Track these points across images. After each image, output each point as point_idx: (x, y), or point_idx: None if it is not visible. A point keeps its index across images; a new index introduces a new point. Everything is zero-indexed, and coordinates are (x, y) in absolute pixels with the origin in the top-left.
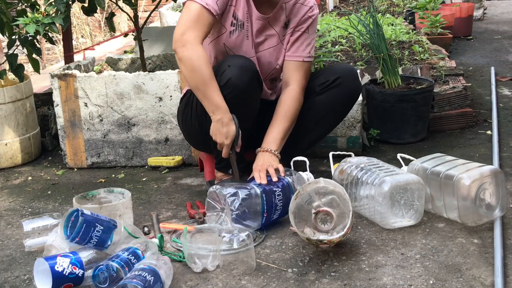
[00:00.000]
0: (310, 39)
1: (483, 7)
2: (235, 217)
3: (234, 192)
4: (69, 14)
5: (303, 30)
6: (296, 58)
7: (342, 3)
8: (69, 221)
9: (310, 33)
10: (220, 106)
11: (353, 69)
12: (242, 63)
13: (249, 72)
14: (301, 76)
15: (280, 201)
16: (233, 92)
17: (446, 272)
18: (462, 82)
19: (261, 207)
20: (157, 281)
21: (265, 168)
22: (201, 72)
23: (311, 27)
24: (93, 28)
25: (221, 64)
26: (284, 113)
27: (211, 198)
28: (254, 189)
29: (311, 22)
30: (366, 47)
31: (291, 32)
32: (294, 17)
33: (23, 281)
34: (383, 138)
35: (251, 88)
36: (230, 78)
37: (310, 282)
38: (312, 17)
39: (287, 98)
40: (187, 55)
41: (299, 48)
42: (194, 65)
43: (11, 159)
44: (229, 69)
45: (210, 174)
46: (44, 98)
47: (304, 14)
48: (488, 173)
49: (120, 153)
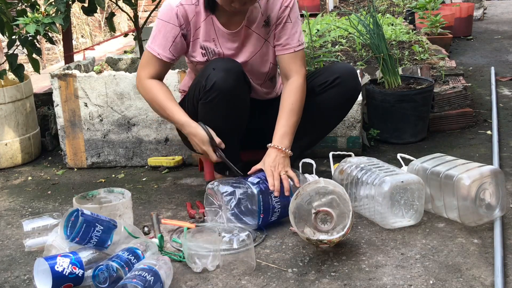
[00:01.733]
0: (295, 27)
1: (483, 7)
2: (231, 216)
3: (231, 191)
4: (69, 14)
5: (284, 21)
6: (288, 51)
7: (342, 3)
8: (69, 221)
9: (293, 21)
10: (183, 121)
11: (352, 68)
12: (227, 65)
13: (234, 73)
14: (298, 65)
15: (278, 202)
16: (220, 95)
17: (446, 272)
18: (462, 82)
19: (257, 207)
20: (157, 281)
21: (278, 173)
22: (156, 100)
23: (292, 15)
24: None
25: (207, 67)
26: (291, 106)
27: (210, 194)
28: (251, 189)
29: (289, 11)
30: (366, 47)
31: (274, 28)
32: (271, 13)
33: (23, 281)
34: (383, 138)
35: (238, 90)
36: (215, 81)
37: (310, 282)
38: (289, 5)
39: (291, 90)
40: (141, 91)
41: (288, 40)
42: (149, 97)
43: (11, 159)
44: (213, 72)
45: (210, 175)
46: (44, 98)
47: (280, 6)
48: (488, 173)
49: (120, 153)
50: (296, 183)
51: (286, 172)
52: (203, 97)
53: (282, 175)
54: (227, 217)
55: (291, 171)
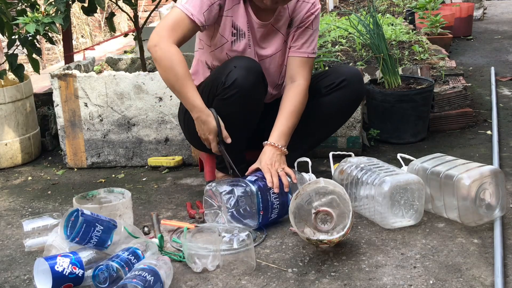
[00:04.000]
0: (314, 35)
1: (483, 7)
2: (232, 215)
3: (229, 189)
4: (69, 14)
5: (306, 25)
6: (302, 54)
7: (342, 3)
8: (69, 221)
9: (314, 29)
10: (196, 104)
11: (358, 72)
12: (248, 64)
13: (255, 73)
14: (307, 72)
15: (276, 199)
16: (239, 93)
17: (446, 272)
18: (462, 82)
19: (256, 205)
20: (157, 281)
21: (275, 170)
22: (174, 71)
23: (314, 23)
24: (93, 28)
25: (227, 64)
26: (293, 108)
27: (208, 196)
28: (249, 187)
29: (314, 18)
30: (366, 47)
31: (295, 29)
32: (297, 15)
33: (23, 281)
34: (383, 138)
35: (257, 89)
36: (236, 78)
37: (310, 282)
38: (315, 13)
39: (295, 94)
40: (160, 55)
41: (304, 44)
42: (167, 65)
43: (11, 159)
44: (235, 69)
45: (210, 175)
46: (44, 98)
47: (307, 11)
48: (488, 173)
49: (120, 153)
50: (293, 179)
51: (283, 169)
52: (221, 93)
53: (280, 172)
54: (227, 218)
55: (288, 168)
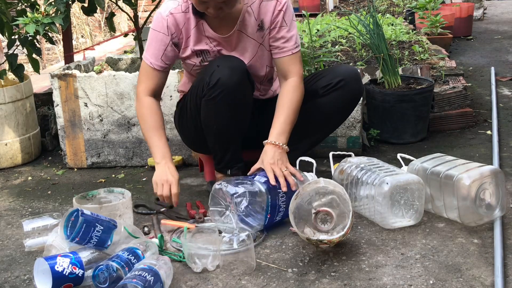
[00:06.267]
0: (291, 29)
1: (483, 7)
2: (241, 218)
3: (241, 192)
4: (69, 14)
5: (279, 25)
6: (285, 54)
7: (342, 3)
8: (69, 221)
9: (288, 24)
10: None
11: (356, 71)
12: (231, 63)
13: (239, 71)
14: (297, 66)
15: (284, 202)
16: (223, 92)
17: (446, 272)
18: (462, 82)
19: (265, 209)
20: (157, 281)
21: (279, 169)
22: (143, 124)
23: (286, 18)
24: (93, 28)
25: (211, 65)
26: (290, 104)
27: (216, 192)
28: (260, 189)
29: (283, 14)
30: (366, 47)
31: (269, 32)
32: (265, 16)
33: (23, 281)
34: (383, 138)
35: (242, 87)
36: (220, 78)
37: (310, 282)
38: (283, 9)
39: (290, 89)
40: (136, 109)
41: (285, 43)
42: (139, 117)
43: (11, 159)
44: (218, 69)
45: (210, 175)
46: (44, 98)
47: (274, 11)
48: (488, 173)
49: (120, 153)
50: (299, 177)
51: (287, 168)
52: (207, 93)
53: (285, 171)
54: (236, 219)
55: (292, 167)
